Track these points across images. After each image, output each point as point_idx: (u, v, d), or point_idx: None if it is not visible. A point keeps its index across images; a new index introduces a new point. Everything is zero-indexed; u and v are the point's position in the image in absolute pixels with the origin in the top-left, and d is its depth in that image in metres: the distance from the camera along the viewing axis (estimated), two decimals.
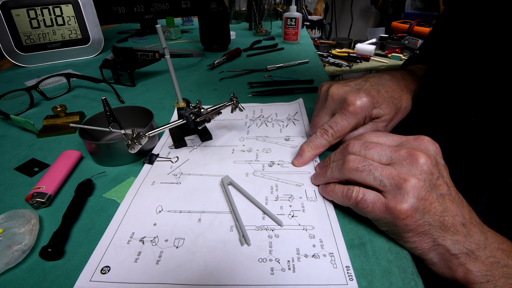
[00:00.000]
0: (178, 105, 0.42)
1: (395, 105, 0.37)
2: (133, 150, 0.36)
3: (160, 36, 0.36)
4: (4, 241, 0.28)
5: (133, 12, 1.02)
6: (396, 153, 0.28)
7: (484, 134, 0.34)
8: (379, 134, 0.32)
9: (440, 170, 0.27)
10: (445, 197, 0.26)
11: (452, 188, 0.27)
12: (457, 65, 0.39)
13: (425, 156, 0.26)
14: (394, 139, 0.30)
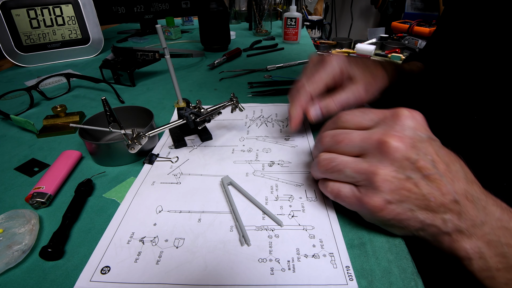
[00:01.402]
0: (178, 105, 0.42)
1: (370, 71, 0.39)
2: (133, 150, 0.36)
3: (160, 36, 0.36)
4: (4, 241, 0.28)
5: (133, 12, 1.02)
6: (367, 142, 0.26)
7: (487, 132, 0.33)
8: (354, 112, 0.29)
9: (422, 148, 0.24)
10: (430, 177, 0.24)
11: (440, 164, 0.24)
12: (459, 63, 0.39)
13: (397, 141, 0.24)
14: (371, 118, 0.28)
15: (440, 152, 0.25)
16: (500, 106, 0.32)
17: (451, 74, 0.40)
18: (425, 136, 0.25)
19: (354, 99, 0.37)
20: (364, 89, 0.38)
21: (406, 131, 0.25)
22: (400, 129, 0.25)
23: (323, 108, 0.37)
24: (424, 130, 0.26)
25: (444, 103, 0.40)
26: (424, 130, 0.26)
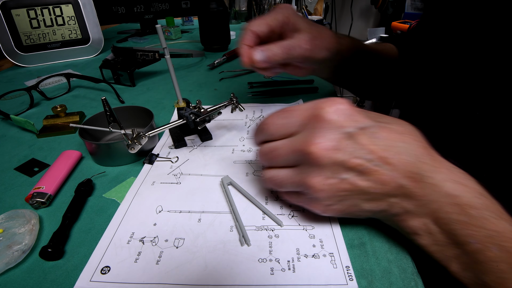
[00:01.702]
0: (178, 105, 0.42)
1: (317, 27, 0.40)
2: (133, 150, 0.36)
3: (160, 36, 0.36)
4: (4, 241, 0.28)
5: (133, 12, 1.02)
6: (294, 153, 0.25)
7: (491, 128, 0.32)
8: (277, 117, 0.28)
9: (349, 146, 0.23)
10: (367, 171, 0.23)
11: (376, 153, 0.23)
12: (460, 54, 0.37)
13: (319, 149, 0.23)
14: (294, 122, 0.26)
15: (377, 138, 0.24)
16: (503, 102, 0.32)
17: (451, 67, 0.38)
18: (353, 130, 0.24)
19: (297, 46, 0.37)
20: (308, 38, 0.38)
21: (328, 133, 0.24)
22: (322, 133, 0.24)
23: (266, 50, 0.36)
24: (351, 121, 0.24)
25: (443, 97, 0.39)
26: (351, 121, 0.24)
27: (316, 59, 0.40)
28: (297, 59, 0.39)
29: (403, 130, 0.25)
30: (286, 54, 0.37)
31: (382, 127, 0.24)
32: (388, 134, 0.24)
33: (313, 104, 0.26)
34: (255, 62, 0.37)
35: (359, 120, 0.24)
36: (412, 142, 0.24)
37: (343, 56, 0.45)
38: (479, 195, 0.22)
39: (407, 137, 0.24)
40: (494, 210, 0.22)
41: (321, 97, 0.29)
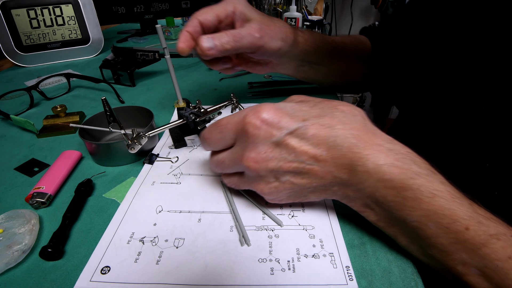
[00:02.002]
0: (178, 105, 0.42)
1: (269, 17, 0.39)
2: (133, 150, 0.36)
3: (160, 36, 0.36)
4: (4, 241, 0.28)
5: (133, 12, 1.02)
6: (237, 165, 0.28)
7: (496, 124, 0.32)
8: (213, 131, 0.29)
9: (279, 153, 0.25)
10: (303, 170, 0.25)
11: (310, 152, 0.24)
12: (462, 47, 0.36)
13: (252, 162, 0.26)
14: (229, 135, 0.28)
15: (306, 138, 0.25)
16: (506, 97, 0.31)
17: (455, 61, 0.37)
18: (280, 137, 0.25)
19: (247, 34, 0.36)
20: (258, 27, 0.37)
21: (257, 147, 0.25)
22: (252, 147, 0.26)
23: (216, 39, 0.35)
24: (277, 129, 0.25)
25: (447, 92, 0.39)
26: (277, 129, 0.25)
27: (269, 48, 0.39)
28: (248, 48, 0.37)
29: (334, 121, 0.25)
30: (235, 42, 0.36)
31: (310, 125, 0.25)
32: (317, 131, 0.24)
33: (241, 117, 0.26)
34: (202, 49, 0.35)
35: (284, 125, 0.25)
36: (342, 134, 0.24)
37: (304, 50, 0.44)
38: (415, 175, 0.23)
39: (337, 129, 0.24)
40: (431, 189, 0.23)
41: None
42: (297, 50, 0.43)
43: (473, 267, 0.22)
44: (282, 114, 0.25)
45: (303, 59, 0.45)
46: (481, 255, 0.21)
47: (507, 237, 0.21)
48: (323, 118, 0.25)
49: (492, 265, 0.21)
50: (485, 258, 0.21)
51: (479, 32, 0.33)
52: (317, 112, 0.26)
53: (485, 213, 0.23)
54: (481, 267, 0.22)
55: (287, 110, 0.26)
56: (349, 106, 0.27)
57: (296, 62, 0.46)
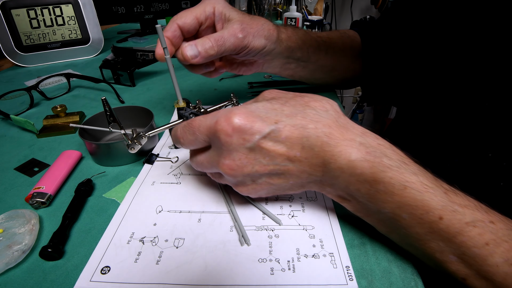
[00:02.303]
0: (178, 105, 0.42)
1: (250, 15, 0.38)
2: (133, 150, 0.36)
3: (160, 36, 0.36)
4: (4, 241, 0.28)
5: (133, 12, 1.02)
6: (215, 168, 0.28)
7: (499, 119, 0.31)
8: (186, 135, 0.29)
9: (253, 158, 0.25)
10: (279, 171, 0.26)
11: (285, 154, 0.25)
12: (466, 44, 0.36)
13: (228, 169, 0.26)
14: (202, 138, 0.28)
15: (279, 141, 0.25)
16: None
17: (458, 57, 0.37)
18: (254, 143, 0.25)
19: (229, 35, 0.35)
20: (240, 27, 0.36)
21: (231, 154, 0.26)
22: (226, 154, 0.26)
23: (199, 45, 0.34)
24: (250, 135, 0.25)
25: (449, 88, 0.38)
26: (250, 135, 0.25)
27: (253, 48, 0.38)
28: (233, 50, 0.37)
29: (306, 121, 0.25)
30: (219, 46, 0.35)
31: (282, 127, 0.25)
32: (289, 133, 0.25)
33: (213, 122, 0.26)
34: (186, 58, 0.35)
35: (257, 130, 0.25)
36: (314, 133, 0.24)
37: (288, 47, 0.43)
38: (386, 168, 0.23)
39: (309, 129, 0.25)
40: (402, 181, 0.23)
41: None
42: (281, 47, 0.42)
43: (451, 255, 0.22)
44: (254, 118, 0.25)
45: (289, 56, 0.45)
46: (457, 243, 0.22)
47: (484, 224, 0.22)
48: (295, 118, 0.25)
49: (469, 252, 0.21)
50: (461, 245, 0.22)
51: (476, 27, 0.33)
52: (289, 110, 0.26)
53: (462, 201, 0.23)
54: (459, 254, 0.22)
55: (259, 112, 0.25)
56: (320, 101, 0.27)
57: (281, 60, 0.45)
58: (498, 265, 0.21)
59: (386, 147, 0.25)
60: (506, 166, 0.28)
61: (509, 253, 0.21)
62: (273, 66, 0.46)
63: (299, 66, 0.48)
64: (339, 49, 0.50)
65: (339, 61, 0.51)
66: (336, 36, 0.51)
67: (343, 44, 0.51)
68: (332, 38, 0.50)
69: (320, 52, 0.48)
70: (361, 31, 0.54)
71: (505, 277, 0.20)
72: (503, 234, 0.21)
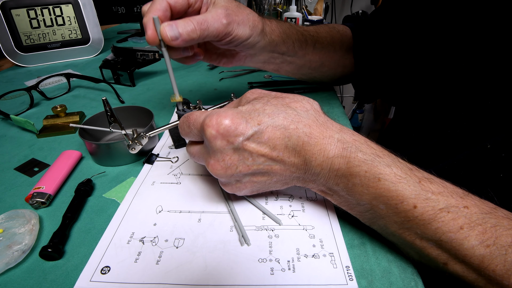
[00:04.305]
0: (174, 99, 0.37)
1: (237, 4, 0.37)
2: (133, 150, 0.36)
3: (156, 26, 0.32)
4: (4, 241, 0.28)
5: (133, 12, 1.02)
6: (202, 162, 0.30)
7: (502, 118, 0.31)
8: (183, 128, 0.30)
9: (237, 159, 0.26)
10: (263, 170, 0.27)
11: (268, 154, 0.26)
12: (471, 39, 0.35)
13: (216, 170, 0.27)
14: (196, 133, 0.29)
15: (262, 142, 0.26)
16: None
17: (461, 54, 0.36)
18: (238, 144, 0.26)
19: (213, 20, 0.33)
20: (224, 13, 0.34)
21: (217, 155, 0.27)
22: (212, 153, 0.27)
23: (180, 26, 0.31)
24: (234, 136, 0.25)
25: (451, 85, 0.37)
26: (234, 136, 0.25)
27: (237, 37, 0.36)
28: (216, 36, 0.34)
29: (287, 122, 0.26)
30: (201, 30, 0.32)
31: (265, 128, 0.26)
32: (272, 134, 0.26)
33: (202, 120, 0.27)
34: (165, 39, 0.31)
35: (241, 132, 0.25)
36: (295, 133, 0.26)
37: (272, 41, 0.41)
38: (360, 163, 0.24)
39: (290, 130, 0.26)
40: (376, 173, 0.24)
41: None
42: (265, 41, 0.40)
43: (429, 241, 0.23)
44: (239, 120, 0.25)
45: (273, 50, 0.43)
46: (433, 230, 0.22)
47: (458, 209, 0.22)
48: (276, 118, 0.26)
49: (445, 237, 0.22)
50: (437, 231, 0.22)
51: (470, 24, 0.33)
52: (270, 110, 0.27)
53: (436, 188, 0.24)
54: (436, 240, 0.23)
55: (243, 114, 0.26)
56: (300, 101, 0.28)
57: (266, 54, 0.43)
58: (474, 248, 0.21)
59: (361, 142, 0.26)
60: (505, 157, 0.29)
61: (483, 235, 0.21)
62: (256, 60, 0.44)
63: (285, 61, 0.46)
64: (328, 44, 0.49)
65: (328, 56, 0.50)
66: (325, 30, 0.50)
67: (331, 38, 0.50)
68: (320, 32, 0.49)
69: (307, 47, 0.47)
70: (353, 27, 0.53)
71: (482, 260, 0.21)
72: (477, 218, 0.22)
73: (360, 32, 0.52)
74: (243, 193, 0.30)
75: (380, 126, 1.98)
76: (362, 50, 0.51)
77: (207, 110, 0.28)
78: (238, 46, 0.39)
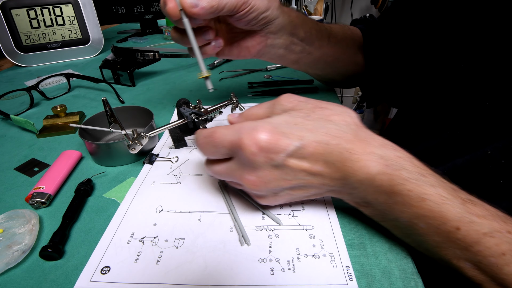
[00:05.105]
0: (202, 75, 0.35)
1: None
2: (134, 150, 0.36)
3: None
4: (4, 241, 0.28)
5: (133, 12, 1.02)
6: (235, 180, 0.29)
7: (502, 119, 0.31)
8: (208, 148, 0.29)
9: (280, 175, 0.26)
10: (302, 184, 0.27)
11: (310, 169, 0.26)
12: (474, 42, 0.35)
13: (253, 187, 0.27)
14: (224, 152, 0.28)
15: (304, 157, 0.25)
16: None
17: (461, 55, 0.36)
18: (280, 161, 0.25)
19: None
20: (255, 20, 0.34)
21: (257, 170, 0.26)
22: (251, 170, 0.26)
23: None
24: (276, 153, 0.25)
25: (448, 86, 0.37)
26: (276, 153, 0.25)
27: (255, 6, 0.34)
28: (233, 5, 0.33)
29: (328, 137, 0.25)
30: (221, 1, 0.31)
31: (307, 144, 0.25)
32: (314, 150, 0.25)
33: (236, 138, 0.26)
34: (185, 5, 0.30)
35: (282, 148, 0.25)
36: (337, 149, 0.25)
37: (291, 21, 0.40)
38: (404, 181, 0.24)
39: (332, 145, 0.25)
40: (420, 193, 0.23)
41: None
42: (285, 19, 0.39)
43: (468, 262, 0.23)
44: (279, 136, 0.25)
45: (293, 33, 0.41)
46: (474, 252, 0.22)
47: (502, 234, 0.22)
48: (317, 133, 0.26)
49: (485, 261, 0.22)
50: (478, 254, 0.22)
51: (476, 28, 0.33)
52: (312, 125, 0.26)
53: (480, 211, 0.23)
54: (475, 262, 0.22)
55: (282, 128, 0.26)
56: (341, 114, 0.27)
57: (286, 38, 0.41)
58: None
59: (404, 159, 0.25)
60: (505, 163, 0.29)
61: None
62: (277, 45, 0.42)
63: (304, 50, 0.45)
64: (341, 38, 0.49)
65: (342, 52, 0.49)
66: (336, 26, 0.50)
67: (344, 34, 0.50)
68: (332, 27, 0.49)
69: (322, 38, 0.46)
70: (363, 28, 0.54)
71: None
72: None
73: (370, 33, 0.52)
74: (277, 203, 0.30)
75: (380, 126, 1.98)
76: (372, 51, 0.51)
77: (231, 125, 0.27)
78: (257, 20, 0.36)
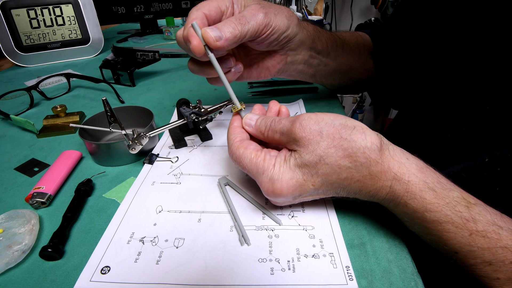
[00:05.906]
0: (235, 109, 0.37)
1: (267, 2, 0.36)
2: (134, 150, 0.36)
3: (197, 33, 0.32)
4: (4, 241, 0.28)
5: (133, 12, 1.02)
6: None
7: (501, 123, 0.32)
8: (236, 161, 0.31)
9: (304, 190, 0.28)
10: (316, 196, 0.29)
11: (323, 186, 0.27)
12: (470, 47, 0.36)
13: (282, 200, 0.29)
14: (246, 171, 0.30)
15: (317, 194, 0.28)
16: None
17: (460, 60, 0.37)
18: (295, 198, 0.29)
19: (250, 15, 0.33)
20: (258, 7, 0.34)
21: (278, 201, 0.29)
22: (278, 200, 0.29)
23: (221, 27, 0.31)
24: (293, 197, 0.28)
25: (450, 91, 0.38)
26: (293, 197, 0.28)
27: (276, 27, 0.35)
28: (256, 31, 0.34)
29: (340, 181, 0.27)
30: (242, 25, 0.32)
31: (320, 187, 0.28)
32: (325, 189, 0.28)
33: (258, 180, 0.29)
34: (209, 40, 0.30)
35: (305, 191, 0.28)
36: (347, 187, 0.27)
37: (310, 35, 0.41)
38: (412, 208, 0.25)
39: (342, 185, 0.27)
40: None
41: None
42: (304, 34, 0.39)
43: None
44: (299, 184, 0.28)
45: (311, 47, 0.42)
46: None
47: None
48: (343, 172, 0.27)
49: None
50: None
51: (480, 33, 0.34)
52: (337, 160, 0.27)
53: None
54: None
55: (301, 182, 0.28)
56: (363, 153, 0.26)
57: (305, 53, 0.41)
58: None
59: (414, 193, 0.25)
60: (501, 171, 0.29)
61: None
62: (297, 61, 0.42)
63: (321, 63, 0.45)
64: (354, 46, 0.49)
65: (356, 59, 0.50)
66: (348, 34, 0.51)
67: (356, 41, 0.50)
68: (344, 36, 0.49)
69: (337, 48, 0.46)
70: (371, 33, 0.54)
71: None
72: None
73: (379, 38, 0.53)
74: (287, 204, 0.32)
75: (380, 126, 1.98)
76: (382, 56, 0.51)
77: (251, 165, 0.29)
78: (278, 41, 0.37)
